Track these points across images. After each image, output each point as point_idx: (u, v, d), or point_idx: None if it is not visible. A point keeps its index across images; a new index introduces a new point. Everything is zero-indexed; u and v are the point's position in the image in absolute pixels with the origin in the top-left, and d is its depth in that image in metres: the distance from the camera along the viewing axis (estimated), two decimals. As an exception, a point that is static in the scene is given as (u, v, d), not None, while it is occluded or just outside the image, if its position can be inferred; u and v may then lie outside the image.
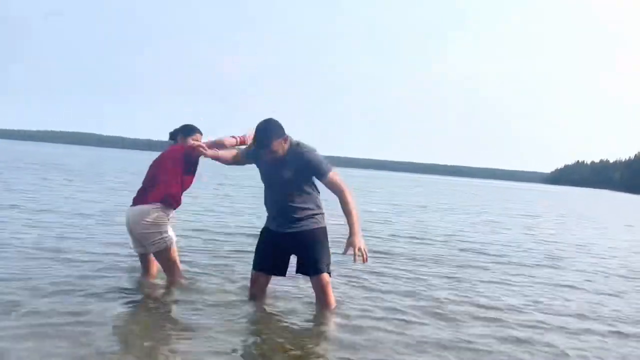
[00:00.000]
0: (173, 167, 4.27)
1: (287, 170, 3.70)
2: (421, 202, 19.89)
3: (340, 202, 3.72)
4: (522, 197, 36.68)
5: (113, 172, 24.44)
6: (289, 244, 3.85)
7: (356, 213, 3.71)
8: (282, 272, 4.03)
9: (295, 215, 3.78)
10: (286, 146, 3.68)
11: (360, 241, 3.66)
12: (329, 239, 3.93)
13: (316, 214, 3.84)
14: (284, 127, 3.69)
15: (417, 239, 8.80)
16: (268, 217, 4.00)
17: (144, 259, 4.46)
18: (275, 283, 4.26)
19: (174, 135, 4.51)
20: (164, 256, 4.28)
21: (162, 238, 4.17)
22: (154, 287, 4.40)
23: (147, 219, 4.11)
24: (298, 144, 3.75)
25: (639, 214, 25.46)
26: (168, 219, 4.25)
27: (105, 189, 14.14)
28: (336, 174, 3.73)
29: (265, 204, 3.97)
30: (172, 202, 4.23)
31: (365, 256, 3.66)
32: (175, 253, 4.38)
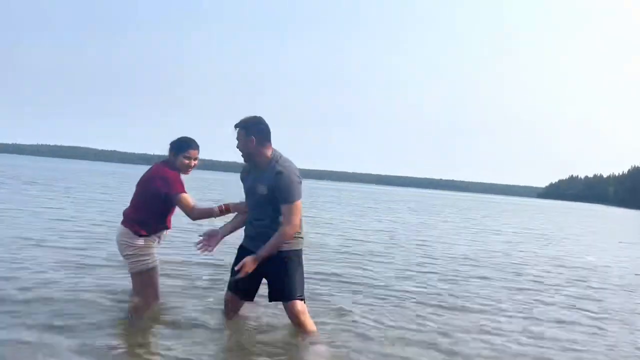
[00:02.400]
0: (142, 191, 4.08)
1: (262, 185, 3.68)
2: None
3: (278, 229, 3.65)
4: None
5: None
6: (261, 265, 3.71)
7: (275, 244, 3.64)
8: (251, 297, 4.01)
9: (268, 237, 3.68)
10: (266, 152, 3.69)
11: (249, 264, 3.61)
12: (303, 263, 3.87)
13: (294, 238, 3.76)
14: (268, 134, 3.73)
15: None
16: (246, 235, 3.95)
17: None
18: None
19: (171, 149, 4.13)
20: (139, 279, 4.12)
21: (138, 260, 4.02)
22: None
23: (123, 240, 4.05)
24: (278, 161, 3.69)
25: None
26: (152, 243, 4.08)
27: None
28: (296, 208, 3.64)
29: (246, 222, 3.94)
30: (137, 229, 4.02)
31: (244, 270, 3.59)
32: (154, 277, 4.16)
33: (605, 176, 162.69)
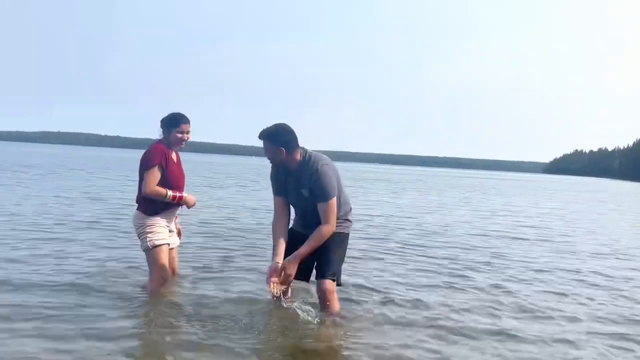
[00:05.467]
0: (140, 172, 4.10)
1: (304, 189, 3.76)
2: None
3: (317, 228, 3.70)
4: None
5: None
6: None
7: (314, 245, 3.68)
8: (305, 276, 3.99)
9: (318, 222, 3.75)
10: (296, 157, 3.73)
11: (291, 266, 3.66)
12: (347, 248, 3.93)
13: (340, 222, 3.85)
14: (296, 139, 3.72)
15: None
16: (295, 219, 4.06)
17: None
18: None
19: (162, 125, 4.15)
20: (146, 257, 4.15)
21: (144, 238, 4.08)
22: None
23: (135, 222, 4.17)
24: (310, 159, 3.74)
25: None
26: (160, 221, 4.12)
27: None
28: (332, 205, 3.71)
29: (294, 207, 4.02)
30: (144, 209, 4.10)
31: (280, 280, 3.65)
32: (160, 256, 4.09)
33: (610, 149, 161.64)
